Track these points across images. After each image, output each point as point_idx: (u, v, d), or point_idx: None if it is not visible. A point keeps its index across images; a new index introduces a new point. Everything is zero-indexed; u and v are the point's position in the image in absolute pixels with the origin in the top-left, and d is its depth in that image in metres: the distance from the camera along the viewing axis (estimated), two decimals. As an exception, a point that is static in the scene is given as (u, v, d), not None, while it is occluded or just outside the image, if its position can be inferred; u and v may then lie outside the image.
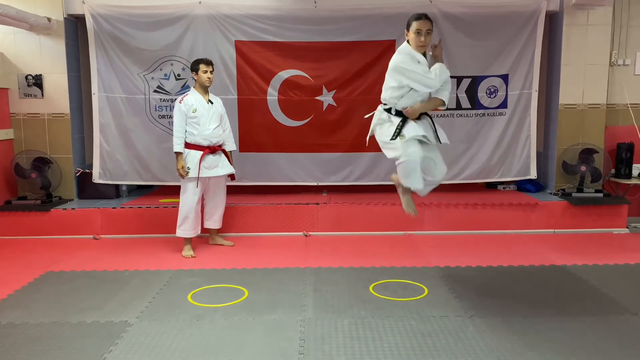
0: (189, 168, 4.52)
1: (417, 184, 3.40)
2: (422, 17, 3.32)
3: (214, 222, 4.90)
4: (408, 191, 3.53)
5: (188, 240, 4.68)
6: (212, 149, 4.61)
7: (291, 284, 3.88)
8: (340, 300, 3.57)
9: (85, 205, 5.34)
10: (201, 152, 4.55)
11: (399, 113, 3.41)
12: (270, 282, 3.94)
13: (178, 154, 4.54)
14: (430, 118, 3.53)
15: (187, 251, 4.62)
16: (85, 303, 3.54)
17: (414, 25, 3.31)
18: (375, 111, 3.57)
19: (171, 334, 3.09)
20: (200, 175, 4.55)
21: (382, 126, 3.48)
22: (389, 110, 3.44)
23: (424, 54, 3.39)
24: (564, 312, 3.36)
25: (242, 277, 4.04)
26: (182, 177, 4.56)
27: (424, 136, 3.38)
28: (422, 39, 3.29)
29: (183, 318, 3.30)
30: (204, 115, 4.55)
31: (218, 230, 4.99)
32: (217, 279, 4.01)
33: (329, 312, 3.38)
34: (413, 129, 3.35)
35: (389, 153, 3.43)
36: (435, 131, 3.50)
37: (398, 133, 3.35)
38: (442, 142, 3.53)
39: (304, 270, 4.19)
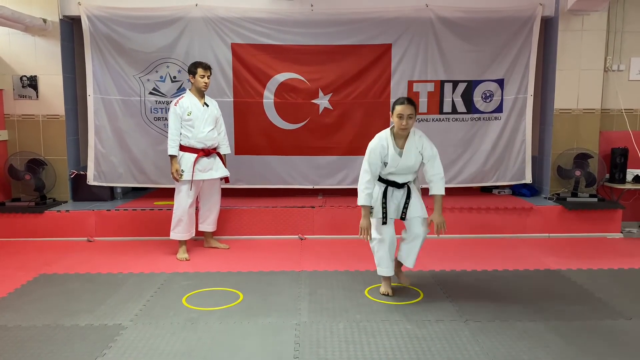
0: (182, 171, 4.51)
1: (386, 269, 3.63)
2: (404, 101, 3.45)
3: (208, 224, 4.89)
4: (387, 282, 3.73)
5: (183, 243, 4.66)
6: (207, 152, 4.60)
7: (286, 288, 3.87)
8: (336, 304, 3.56)
9: (79, 208, 5.31)
10: (195, 155, 4.54)
11: (381, 179, 3.61)
12: (265, 285, 3.92)
13: (172, 157, 4.53)
14: (410, 190, 3.64)
15: (182, 254, 4.60)
16: (79, 306, 3.52)
17: (397, 109, 3.45)
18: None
19: (165, 337, 3.07)
20: (194, 178, 4.54)
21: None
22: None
23: (406, 140, 3.53)
24: (558, 316, 3.36)
25: (237, 280, 4.03)
26: (176, 180, 4.55)
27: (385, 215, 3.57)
28: (404, 122, 3.42)
29: (177, 321, 3.29)
30: (199, 118, 4.53)
31: (213, 233, 4.98)
32: (211, 282, 4.00)
33: (324, 315, 3.38)
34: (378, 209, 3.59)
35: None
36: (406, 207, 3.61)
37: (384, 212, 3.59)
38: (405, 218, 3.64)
39: (299, 274, 4.18)
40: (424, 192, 3.74)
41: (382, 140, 3.53)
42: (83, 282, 3.99)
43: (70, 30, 5.64)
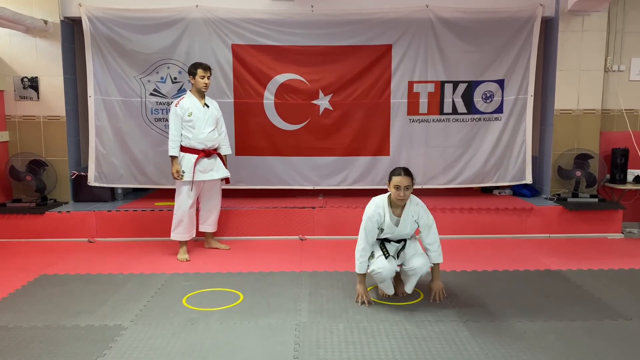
0: (183, 172, 4.53)
1: (387, 290, 3.66)
2: (401, 172, 3.41)
3: (208, 225, 4.90)
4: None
5: (183, 244, 4.67)
6: (207, 153, 4.61)
7: (286, 288, 3.87)
8: (336, 305, 3.56)
9: (80, 208, 5.32)
10: (196, 156, 4.55)
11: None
12: (265, 286, 3.93)
13: (173, 157, 4.54)
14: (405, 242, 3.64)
15: (182, 254, 4.61)
16: (79, 306, 3.52)
17: (394, 180, 3.41)
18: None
19: (165, 337, 3.08)
20: (195, 179, 4.55)
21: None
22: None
23: (403, 209, 3.51)
24: (558, 317, 3.36)
25: (237, 280, 4.04)
26: (177, 179, 4.56)
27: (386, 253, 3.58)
28: (402, 193, 3.39)
29: (177, 322, 3.29)
30: (200, 119, 4.54)
31: (213, 234, 4.99)
32: (212, 282, 4.01)
33: (324, 316, 3.38)
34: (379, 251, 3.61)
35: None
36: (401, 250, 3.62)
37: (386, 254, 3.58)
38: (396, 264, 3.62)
39: (299, 274, 4.18)
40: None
41: (378, 208, 3.49)
42: (84, 283, 4.00)
43: (71, 31, 5.65)
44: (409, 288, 3.66)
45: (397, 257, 3.59)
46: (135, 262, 4.52)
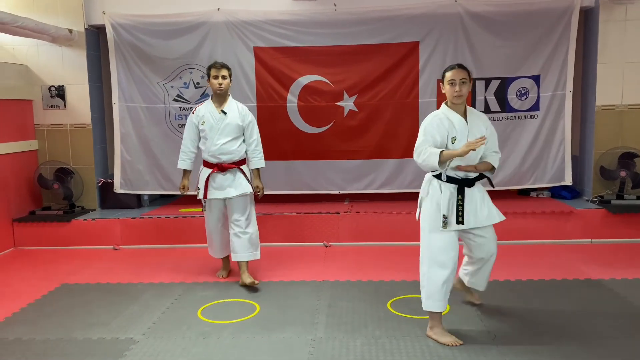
0: (198, 188, 4.07)
1: (440, 303, 2.99)
2: (455, 66, 3.06)
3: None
4: (437, 318, 3.08)
5: (223, 260, 4.29)
6: (221, 167, 3.96)
7: (305, 299, 3.72)
8: (355, 318, 3.38)
9: (106, 216, 5.32)
10: (210, 171, 3.97)
11: (450, 179, 3.04)
12: (283, 296, 3.79)
13: (184, 170, 4.13)
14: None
15: (220, 271, 4.29)
16: (94, 318, 3.47)
17: (448, 75, 3.05)
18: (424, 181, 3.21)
19: (175, 352, 2.98)
20: (209, 197, 3.98)
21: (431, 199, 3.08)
22: (438, 177, 3.07)
23: (465, 112, 3.08)
24: (597, 333, 3.08)
25: (255, 290, 3.91)
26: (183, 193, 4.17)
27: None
28: (457, 88, 3.00)
29: (189, 335, 3.19)
30: (213, 128, 3.93)
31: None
32: (230, 292, 3.90)
33: (341, 331, 3.21)
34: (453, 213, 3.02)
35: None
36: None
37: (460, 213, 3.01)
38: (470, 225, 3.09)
39: (320, 284, 4.02)
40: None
41: (436, 116, 3.06)
42: (103, 293, 3.96)
43: (96, 39, 5.68)
44: (482, 284, 3.27)
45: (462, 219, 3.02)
46: (157, 270, 4.46)
